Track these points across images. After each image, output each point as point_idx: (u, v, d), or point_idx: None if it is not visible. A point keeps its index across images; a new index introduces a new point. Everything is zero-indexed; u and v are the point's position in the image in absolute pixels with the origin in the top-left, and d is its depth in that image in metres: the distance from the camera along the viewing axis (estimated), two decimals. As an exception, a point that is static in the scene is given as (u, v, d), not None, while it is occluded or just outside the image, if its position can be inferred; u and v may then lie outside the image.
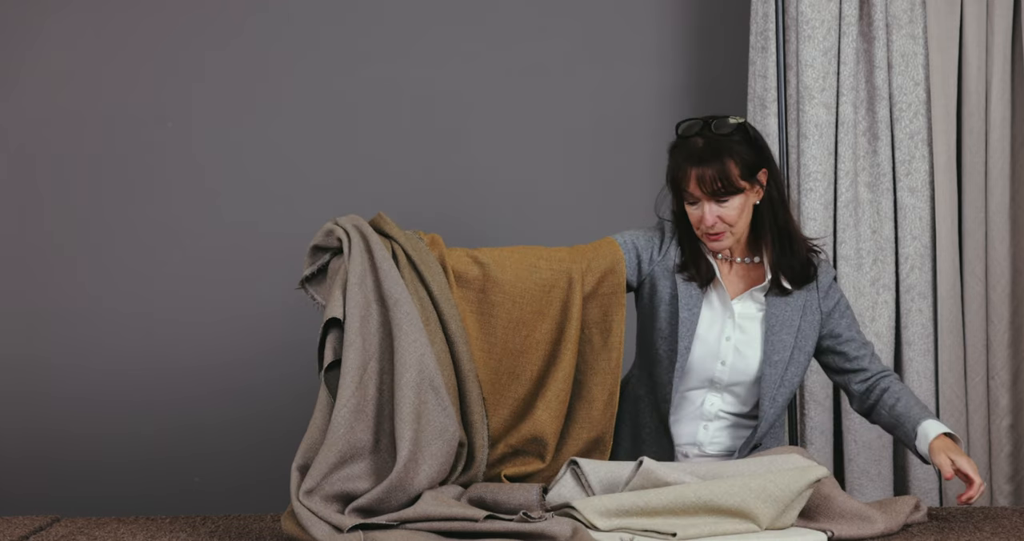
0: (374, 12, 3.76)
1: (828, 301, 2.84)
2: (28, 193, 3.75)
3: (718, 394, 2.83)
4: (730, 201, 2.73)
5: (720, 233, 2.75)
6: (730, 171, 2.71)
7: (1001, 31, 3.36)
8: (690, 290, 2.80)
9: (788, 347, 2.80)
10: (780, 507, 2.32)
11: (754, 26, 3.44)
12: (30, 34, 3.75)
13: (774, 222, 2.80)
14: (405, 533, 2.27)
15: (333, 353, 2.53)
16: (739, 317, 2.81)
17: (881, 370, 2.87)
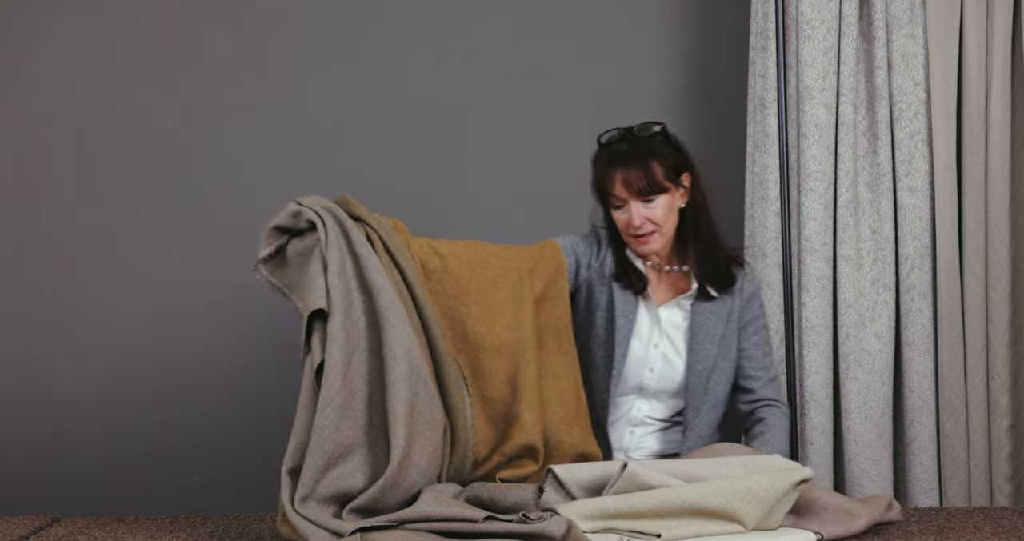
0: (374, 12, 3.76)
1: (747, 312, 2.91)
2: (28, 193, 3.75)
3: (646, 401, 2.87)
4: (656, 201, 2.79)
5: (648, 234, 2.80)
6: (654, 171, 2.78)
7: (1001, 31, 3.36)
8: (626, 297, 2.84)
9: (711, 356, 2.85)
10: (765, 508, 2.32)
11: (754, 26, 3.44)
12: (30, 34, 3.75)
13: (697, 226, 2.86)
14: (405, 534, 2.26)
15: (321, 352, 2.43)
16: (665, 324, 2.86)
17: (770, 398, 2.92)
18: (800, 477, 2.38)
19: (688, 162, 2.87)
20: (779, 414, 2.92)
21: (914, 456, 3.36)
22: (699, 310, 2.87)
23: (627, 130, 2.86)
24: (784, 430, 2.91)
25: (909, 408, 3.37)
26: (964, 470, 3.38)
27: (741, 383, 2.93)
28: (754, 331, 2.92)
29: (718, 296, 2.88)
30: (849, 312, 3.36)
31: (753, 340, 2.91)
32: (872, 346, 3.36)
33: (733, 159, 3.67)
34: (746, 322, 2.91)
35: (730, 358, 2.88)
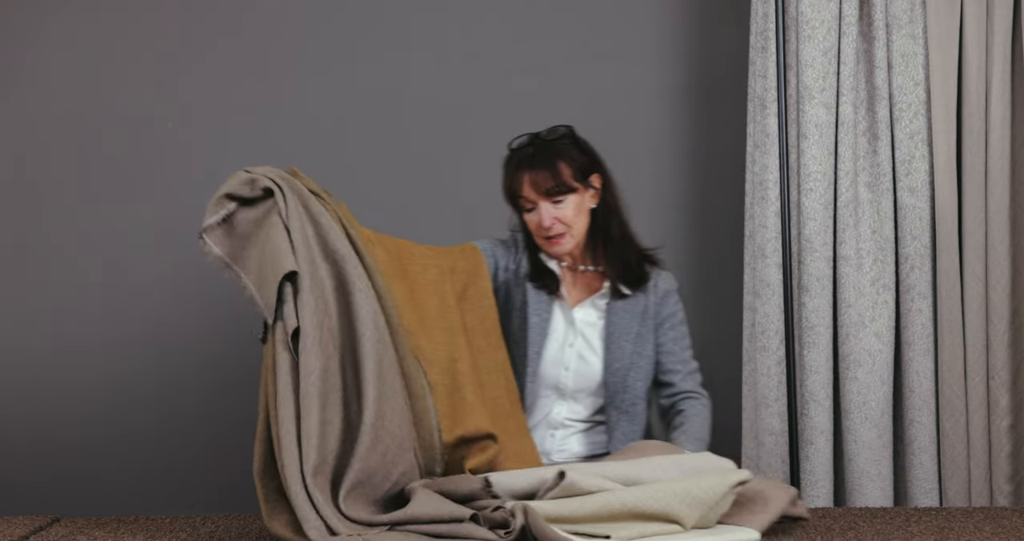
0: (374, 12, 3.77)
1: (663, 309, 2.95)
2: (28, 193, 3.75)
3: (565, 402, 2.90)
4: (565, 201, 2.83)
5: (559, 235, 2.84)
6: (562, 171, 2.83)
7: (1001, 31, 3.36)
8: (540, 297, 2.88)
9: (627, 354, 2.88)
10: (704, 509, 2.35)
11: (754, 26, 3.44)
12: (30, 34, 3.75)
13: (608, 226, 2.89)
14: (397, 536, 2.26)
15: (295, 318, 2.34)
16: (580, 324, 2.89)
17: (689, 390, 2.96)
18: (737, 480, 2.40)
19: (597, 164, 2.92)
20: (699, 405, 2.96)
21: (914, 456, 3.36)
22: (614, 309, 2.90)
23: (535, 134, 2.91)
24: (704, 420, 2.94)
25: (909, 408, 3.37)
26: (964, 470, 3.38)
27: (661, 378, 2.97)
28: (671, 327, 2.95)
29: (632, 295, 2.91)
30: (849, 312, 3.36)
31: (670, 335, 2.95)
32: (872, 346, 3.36)
33: (733, 159, 3.67)
34: (662, 319, 2.95)
35: (647, 355, 2.92)
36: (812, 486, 3.35)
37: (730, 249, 3.68)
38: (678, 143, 3.76)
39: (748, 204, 3.48)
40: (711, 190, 3.75)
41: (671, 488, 2.33)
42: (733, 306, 3.63)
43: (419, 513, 2.31)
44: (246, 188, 2.44)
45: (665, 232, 3.76)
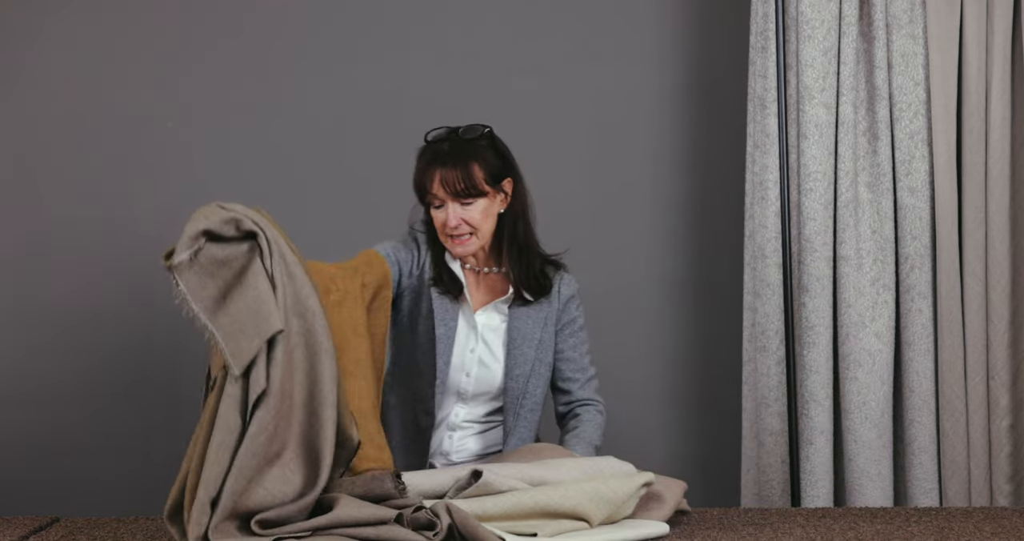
0: (374, 12, 3.77)
1: (564, 315, 2.92)
2: (28, 193, 3.75)
3: (464, 404, 2.88)
4: (474, 203, 2.80)
5: (464, 236, 2.81)
6: (474, 173, 2.79)
7: (1001, 31, 3.36)
8: (445, 304, 2.85)
9: (529, 360, 2.86)
10: (611, 508, 2.40)
11: (754, 26, 3.44)
12: (30, 34, 3.75)
13: (514, 233, 2.86)
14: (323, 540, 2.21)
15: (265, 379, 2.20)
16: (482, 329, 2.87)
17: (587, 398, 2.95)
18: (643, 481, 2.45)
19: (511, 168, 2.87)
20: (594, 411, 2.96)
21: (914, 456, 3.36)
22: (516, 314, 2.88)
23: (453, 130, 2.87)
24: (598, 426, 2.94)
25: (909, 408, 3.37)
26: (964, 470, 3.38)
27: (559, 385, 2.95)
28: (571, 333, 2.93)
29: (535, 300, 2.88)
30: (849, 312, 3.36)
31: (570, 342, 2.93)
32: (872, 346, 3.36)
33: (733, 159, 3.67)
34: (563, 325, 2.92)
35: (547, 361, 2.90)
36: (812, 486, 3.35)
37: (730, 249, 3.68)
38: (678, 143, 3.76)
39: (748, 204, 3.48)
40: (711, 190, 3.75)
41: (581, 488, 2.36)
42: (733, 306, 3.62)
43: (344, 517, 2.24)
44: (229, 228, 2.28)
45: (665, 232, 3.77)
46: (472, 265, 2.90)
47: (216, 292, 2.23)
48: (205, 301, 2.21)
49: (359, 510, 2.24)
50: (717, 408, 3.75)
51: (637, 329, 3.77)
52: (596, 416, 2.96)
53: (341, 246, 3.75)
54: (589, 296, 3.76)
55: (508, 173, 2.86)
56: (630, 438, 3.77)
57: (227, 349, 2.20)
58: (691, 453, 3.78)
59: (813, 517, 2.66)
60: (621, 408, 3.78)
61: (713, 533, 2.47)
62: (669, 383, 3.78)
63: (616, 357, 3.77)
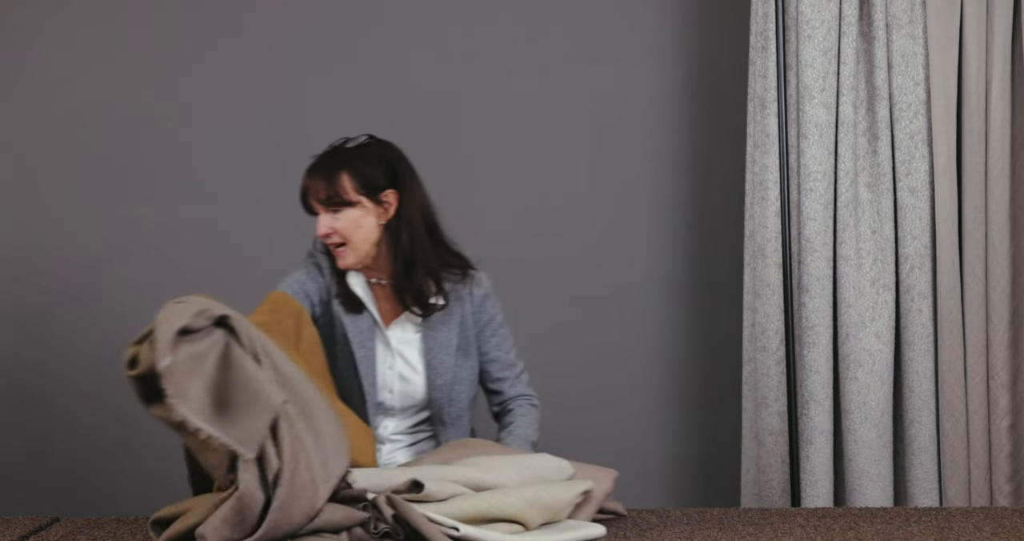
0: (374, 12, 3.77)
1: (481, 316, 2.88)
2: (28, 193, 3.76)
3: (391, 419, 2.85)
4: (342, 213, 2.76)
5: (338, 247, 2.78)
6: (340, 182, 2.75)
7: (1001, 31, 3.36)
8: (359, 326, 2.81)
9: (449, 368, 2.83)
10: (550, 515, 2.39)
11: (754, 26, 3.44)
12: (30, 34, 3.76)
13: (398, 242, 2.80)
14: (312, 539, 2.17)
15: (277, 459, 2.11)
16: (396, 343, 2.84)
17: (518, 394, 2.91)
18: (583, 489, 2.45)
19: (396, 180, 2.81)
20: (527, 406, 2.91)
21: (914, 456, 3.36)
22: (430, 323, 2.83)
23: (345, 140, 2.83)
24: (532, 420, 2.89)
25: (909, 408, 3.37)
26: (964, 470, 3.38)
27: (490, 386, 2.91)
28: (492, 333, 2.89)
29: (446, 305, 2.83)
30: (849, 312, 3.36)
31: (493, 342, 2.89)
32: (872, 346, 3.36)
33: (733, 159, 3.67)
34: (482, 326, 2.88)
35: (469, 365, 2.87)
36: (812, 486, 3.35)
37: (730, 249, 3.68)
38: (678, 143, 3.76)
39: (748, 204, 3.48)
40: (711, 190, 3.75)
41: (522, 495, 2.36)
42: (733, 306, 3.63)
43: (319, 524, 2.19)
44: (201, 319, 2.19)
45: (665, 232, 3.77)
46: (376, 279, 2.85)
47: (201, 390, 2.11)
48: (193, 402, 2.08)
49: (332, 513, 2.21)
50: (717, 408, 3.75)
51: (637, 329, 3.77)
52: (530, 410, 2.91)
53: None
54: (589, 296, 3.77)
55: (391, 185, 2.80)
56: (630, 438, 3.78)
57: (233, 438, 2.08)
58: (691, 453, 3.78)
59: (813, 517, 2.66)
60: (621, 408, 3.79)
61: (713, 533, 2.47)
62: (669, 383, 3.78)
63: (616, 357, 3.77)
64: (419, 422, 2.87)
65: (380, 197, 2.79)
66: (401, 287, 2.81)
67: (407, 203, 2.81)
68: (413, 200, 2.82)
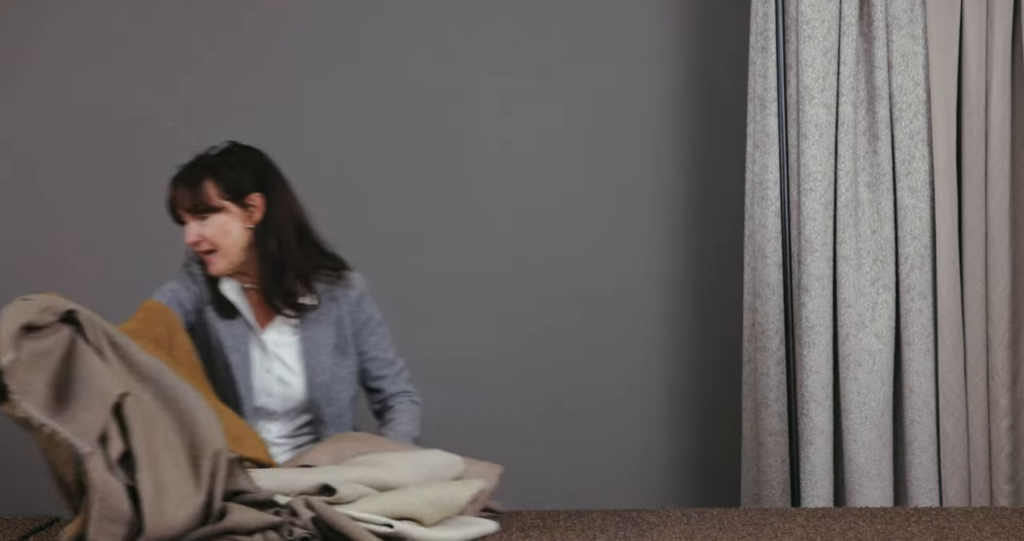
0: (374, 12, 3.77)
1: (358, 315, 2.88)
2: (28, 193, 3.76)
3: (273, 422, 2.86)
4: (210, 219, 2.78)
5: (208, 253, 2.79)
6: (204, 189, 2.77)
7: (1001, 31, 3.36)
8: (233, 331, 2.81)
9: (327, 367, 2.84)
10: (447, 513, 2.41)
11: (754, 26, 3.44)
12: (30, 34, 3.76)
13: (265, 246, 2.81)
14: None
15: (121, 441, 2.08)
16: (272, 346, 2.84)
17: (399, 391, 2.91)
18: (477, 490, 2.47)
19: (261, 183, 2.81)
20: (408, 402, 2.91)
21: (914, 456, 3.36)
22: (306, 324, 2.84)
23: (211, 147, 2.85)
24: (413, 416, 2.89)
25: (909, 408, 3.37)
26: (964, 470, 3.38)
27: (370, 385, 2.92)
28: (370, 332, 2.89)
29: (319, 305, 2.84)
30: (849, 312, 3.36)
31: (371, 341, 2.90)
32: (872, 346, 3.36)
33: (733, 159, 3.67)
34: (360, 325, 2.89)
35: (347, 365, 2.87)
36: (812, 486, 3.35)
37: (730, 249, 3.68)
38: (678, 143, 3.76)
39: (748, 204, 3.48)
40: (711, 190, 3.76)
41: (422, 495, 2.38)
42: (733, 306, 3.63)
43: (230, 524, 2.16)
44: (47, 315, 2.20)
45: (665, 232, 3.77)
46: (250, 284, 2.85)
47: (44, 386, 2.10)
48: (37, 398, 2.06)
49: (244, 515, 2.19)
50: (717, 408, 3.75)
51: (637, 329, 3.77)
52: (410, 406, 2.91)
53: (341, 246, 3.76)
54: (589, 296, 3.77)
55: (256, 188, 2.80)
56: (630, 438, 3.78)
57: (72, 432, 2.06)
58: (691, 453, 3.78)
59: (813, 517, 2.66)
60: (621, 408, 3.79)
61: (713, 533, 2.47)
62: (669, 383, 3.78)
63: (616, 357, 3.78)
64: (302, 425, 2.87)
65: (246, 201, 2.80)
66: (270, 290, 2.82)
67: (274, 206, 2.82)
68: (280, 203, 2.84)
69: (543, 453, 3.76)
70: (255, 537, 2.16)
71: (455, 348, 3.77)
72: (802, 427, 3.38)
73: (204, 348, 2.82)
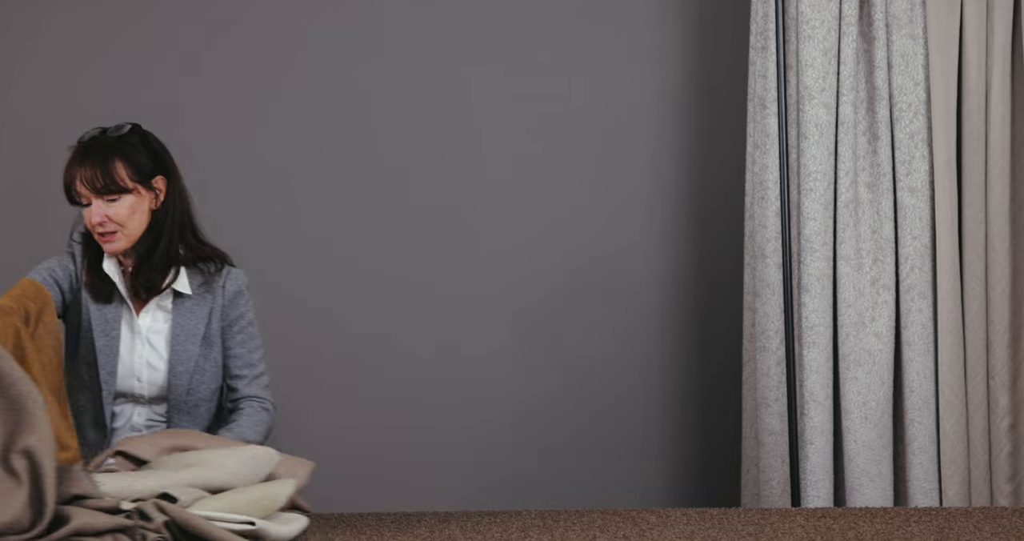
0: (374, 12, 3.77)
1: (231, 311, 2.90)
2: (28, 193, 3.75)
3: (144, 407, 2.86)
4: (119, 200, 2.78)
5: (111, 234, 2.79)
6: (115, 170, 2.78)
7: (1001, 31, 3.36)
8: (105, 314, 2.83)
9: (192, 357, 2.85)
10: (268, 512, 2.42)
11: (754, 26, 3.44)
12: (30, 34, 3.75)
13: (160, 232, 2.83)
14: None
15: None
16: (146, 331, 2.85)
17: (252, 395, 2.91)
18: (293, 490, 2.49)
19: (164, 166, 2.85)
20: (258, 407, 2.90)
21: (914, 456, 3.36)
22: (180, 311, 2.86)
23: (103, 129, 2.85)
24: (257, 422, 2.88)
25: (909, 408, 3.37)
26: (964, 470, 3.38)
27: (227, 382, 2.93)
28: (239, 330, 2.90)
29: (197, 294, 2.86)
30: (849, 312, 3.36)
31: (238, 338, 2.90)
32: (872, 346, 3.36)
33: (733, 159, 3.67)
34: (230, 321, 2.90)
35: (213, 357, 2.88)
36: (812, 486, 3.35)
37: (730, 249, 3.68)
38: (678, 143, 3.76)
39: (748, 204, 3.48)
40: (711, 190, 3.76)
41: (249, 497, 2.40)
42: (733, 306, 3.63)
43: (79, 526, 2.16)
44: None
45: (665, 232, 3.77)
46: (128, 266, 2.86)
47: None
48: None
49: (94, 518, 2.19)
50: (717, 408, 3.75)
51: (637, 329, 3.77)
52: (258, 412, 2.90)
53: (340, 245, 3.76)
54: (589, 296, 3.77)
55: (160, 171, 2.83)
56: (630, 438, 3.78)
57: None
58: (691, 453, 3.78)
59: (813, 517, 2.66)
60: (622, 408, 3.79)
61: (713, 533, 2.47)
62: (669, 383, 3.78)
63: (616, 357, 3.77)
64: (165, 413, 2.88)
65: (152, 183, 2.82)
66: (143, 273, 2.84)
67: (172, 191, 2.85)
68: (177, 188, 2.87)
69: (543, 453, 3.76)
70: (104, 538, 2.16)
71: (454, 347, 3.77)
72: (802, 427, 3.38)
73: (77, 328, 2.84)
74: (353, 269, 3.75)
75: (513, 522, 2.56)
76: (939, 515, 2.69)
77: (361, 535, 2.47)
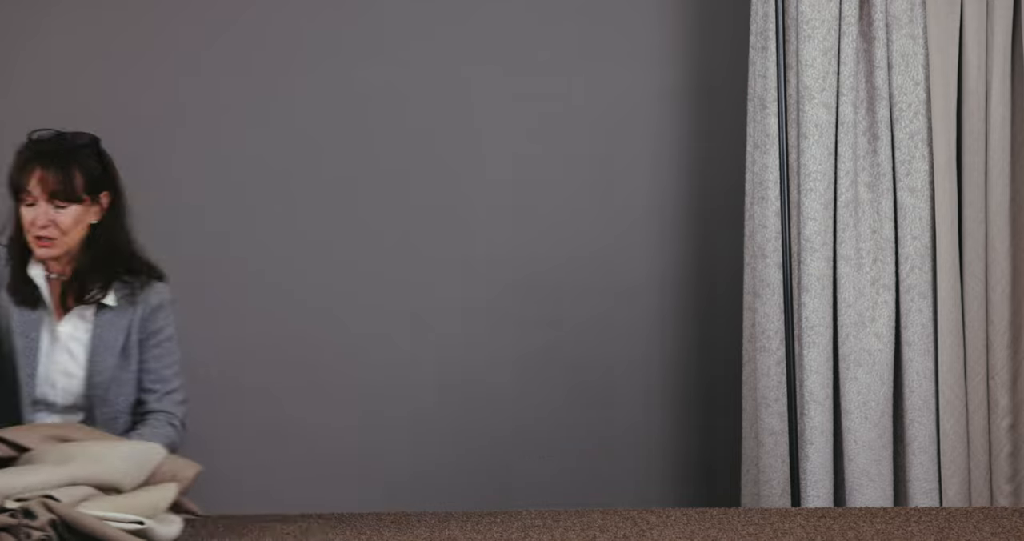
0: (374, 12, 3.76)
1: (150, 324, 2.88)
2: (28, 193, 3.75)
3: (57, 416, 2.85)
4: (67, 209, 2.77)
5: (51, 240, 2.77)
6: (74, 178, 2.77)
7: (1001, 31, 3.36)
8: (26, 318, 2.81)
9: (109, 368, 2.83)
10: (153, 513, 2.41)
11: (754, 26, 3.44)
12: (30, 34, 3.75)
13: (97, 242, 2.82)
14: None
15: None
16: (66, 339, 2.84)
17: (159, 410, 2.88)
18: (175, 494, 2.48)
19: (111, 182, 2.85)
20: (163, 420, 2.89)
21: (914, 456, 3.36)
22: (101, 321, 2.84)
23: (61, 134, 2.84)
24: (158, 434, 2.85)
25: (909, 408, 3.37)
26: (964, 470, 3.38)
27: (139, 395, 2.90)
28: (156, 344, 2.89)
29: (117, 307, 2.84)
30: (849, 312, 3.36)
31: (154, 352, 2.89)
32: (872, 346, 3.36)
33: (733, 159, 3.67)
34: (148, 334, 2.88)
35: (132, 370, 2.87)
36: (812, 486, 3.35)
37: (730, 249, 3.68)
38: (678, 143, 3.76)
39: (748, 204, 3.48)
40: (711, 190, 3.75)
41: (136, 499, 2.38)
42: (733, 306, 3.63)
43: None
44: None
45: (665, 232, 3.77)
46: (57, 274, 2.85)
47: None
48: None
49: None
50: (717, 408, 3.75)
51: (637, 329, 3.77)
52: (162, 425, 2.89)
53: (340, 245, 3.76)
54: (589, 296, 3.77)
55: (107, 186, 2.83)
56: (630, 438, 3.78)
57: None
58: (691, 453, 3.78)
59: (813, 517, 2.66)
60: (621, 408, 3.79)
61: (713, 533, 2.47)
62: (669, 383, 3.78)
63: (616, 357, 3.77)
64: (78, 422, 2.84)
65: (99, 197, 2.82)
66: (76, 285, 2.82)
67: (115, 206, 2.85)
68: (120, 204, 2.86)
69: (543, 453, 3.76)
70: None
71: (454, 348, 3.76)
72: (802, 427, 3.37)
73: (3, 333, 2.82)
74: (353, 269, 3.74)
75: (513, 522, 2.56)
76: (939, 515, 2.68)
77: (361, 535, 2.46)
